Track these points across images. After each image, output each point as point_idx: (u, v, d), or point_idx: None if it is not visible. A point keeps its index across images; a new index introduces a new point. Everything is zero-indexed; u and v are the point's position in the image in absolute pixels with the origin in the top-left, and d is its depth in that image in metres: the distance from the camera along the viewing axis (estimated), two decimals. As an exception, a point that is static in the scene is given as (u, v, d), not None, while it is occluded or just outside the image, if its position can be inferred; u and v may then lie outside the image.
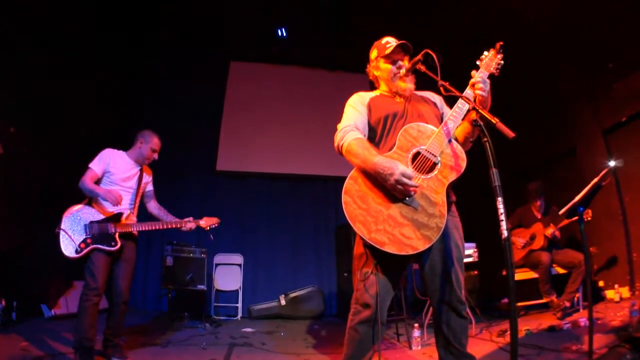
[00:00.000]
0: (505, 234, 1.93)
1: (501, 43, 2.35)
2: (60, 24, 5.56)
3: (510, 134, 1.89)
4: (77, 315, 3.52)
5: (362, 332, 2.29)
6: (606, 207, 5.16)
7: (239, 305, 6.84)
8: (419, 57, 2.38)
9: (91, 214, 3.66)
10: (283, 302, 6.83)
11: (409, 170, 2.16)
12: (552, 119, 6.13)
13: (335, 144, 2.43)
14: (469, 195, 2.54)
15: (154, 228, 3.82)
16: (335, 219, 7.97)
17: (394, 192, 2.16)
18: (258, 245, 7.58)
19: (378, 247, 2.12)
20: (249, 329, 5.54)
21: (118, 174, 3.82)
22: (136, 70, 7.45)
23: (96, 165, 3.75)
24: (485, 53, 2.37)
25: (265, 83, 8.11)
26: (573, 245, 5.46)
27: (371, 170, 2.19)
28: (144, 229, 3.81)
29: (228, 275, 6.99)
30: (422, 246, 2.12)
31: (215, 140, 7.67)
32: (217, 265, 6.95)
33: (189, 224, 3.88)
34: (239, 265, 7.06)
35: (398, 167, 2.13)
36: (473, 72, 2.29)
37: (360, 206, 2.20)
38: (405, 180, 2.10)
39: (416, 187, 2.14)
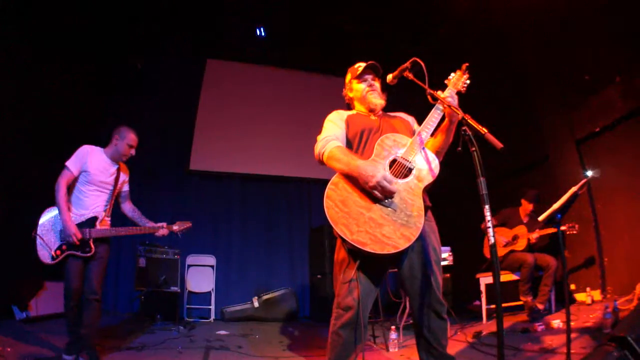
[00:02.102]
0: (492, 240, 1.96)
1: (467, 64, 2.56)
2: (34, 18, 5.42)
3: (499, 144, 1.95)
4: (65, 316, 3.71)
5: (345, 335, 2.32)
6: (579, 213, 5.32)
7: (212, 307, 6.77)
8: (407, 64, 2.50)
9: None
10: (256, 304, 6.79)
11: (389, 176, 2.27)
12: (526, 127, 6.27)
13: (316, 152, 2.53)
14: (442, 201, 2.61)
15: (128, 234, 3.83)
16: (308, 221, 8.00)
17: (374, 194, 2.23)
18: (231, 246, 7.53)
19: (360, 247, 2.16)
20: (223, 332, 5.49)
21: (95, 174, 3.75)
22: (109, 67, 7.26)
23: (72, 164, 3.68)
24: (452, 74, 2.56)
25: (242, 83, 8.06)
26: (545, 249, 5.60)
27: (354, 172, 2.28)
28: (118, 234, 3.77)
29: (200, 276, 6.91)
30: (402, 245, 2.18)
31: (188, 139, 7.57)
32: (189, 266, 6.85)
33: (162, 230, 3.86)
34: (212, 266, 6.99)
35: (380, 170, 2.26)
36: (439, 93, 2.41)
37: (342, 209, 2.26)
38: (385, 183, 2.21)
39: (394, 190, 2.24)
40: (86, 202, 3.73)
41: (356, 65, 2.82)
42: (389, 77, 2.61)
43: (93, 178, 3.74)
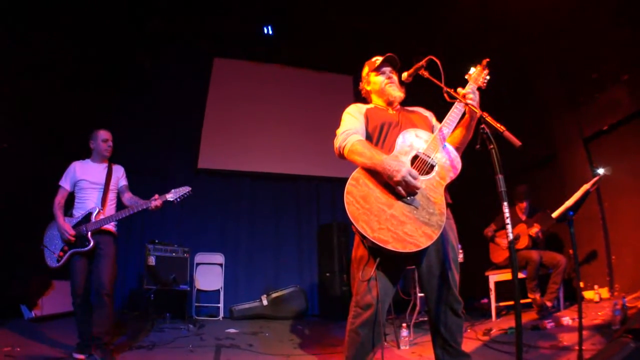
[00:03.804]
0: (510, 236, 1.98)
1: (487, 60, 2.53)
2: (42, 19, 5.45)
3: (517, 142, 1.97)
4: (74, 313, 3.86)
5: (363, 334, 2.31)
6: (586, 211, 5.30)
7: (221, 305, 6.78)
8: (422, 62, 2.49)
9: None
10: (265, 302, 6.80)
11: (415, 171, 2.23)
12: (534, 125, 6.27)
13: (337, 146, 2.48)
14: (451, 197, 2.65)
15: (122, 216, 3.84)
16: (317, 219, 8.02)
17: (398, 189, 2.20)
18: (239, 244, 7.54)
19: (382, 245, 2.14)
20: (233, 330, 5.49)
21: (86, 179, 3.98)
22: (117, 67, 7.27)
23: (64, 182, 3.98)
24: (473, 69, 2.53)
25: (249, 81, 8.07)
26: (553, 246, 5.61)
27: (378, 167, 2.24)
28: (113, 220, 3.87)
29: (209, 274, 6.92)
30: (424, 243, 2.16)
31: (197, 138, 7.59)
32: (197, 264, 6.87)
33: (155, 202, 3.80)
34: (220, 264, 7.00)
35: (405, 165, 2.22)
36: (459, 89, 2.40)
37: (363, 206, 2.23)
38: (410, 178, 2.17)
39: (419, 186, 2.21)
40: (84, 204, 3.93)
41: (373, 59, 2.78)
42: (404, 75, 2.59)
43: (85, 183, 3.97)
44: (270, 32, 7.69)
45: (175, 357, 4.07)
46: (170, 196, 3.84)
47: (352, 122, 2.56)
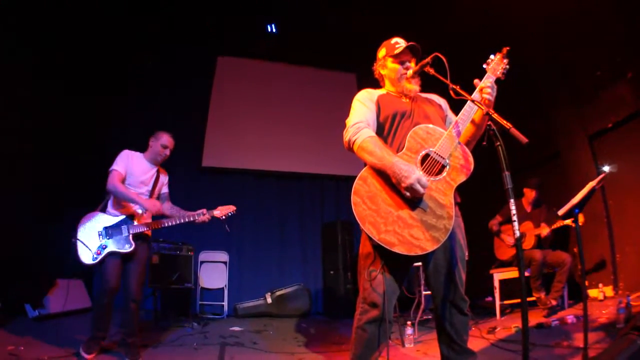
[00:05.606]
0: (517, 234, 1.97)
1: (508, 48, 2.44)
2: (45, 18, 5.47)
3: (524, 139, 1.95)
4: (92, 311, 3.85)
5: (370, 331, 2.31)
6: (591, 210, 5.29)
7: (225, 303, 6.80)
8: (428, 59, 2.42)
9: (104, 220, 3.76)
10: (269, 300, 6.82)
11: (424, 178, 2.18)
12: (537, 123, 6.24)
13: (347, 139, 2.41)
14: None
15: (166, 225, 3.83)
16: (321, 217, 8.02)
17: (405, 193, 2.17)
18: (243, 242, 7.53)
19: (388, 247, 2.13)
20: (237, 328, 5.50)
21: (136, 176, 3.87)
22: (120, 66, 7.27)
23: (119, 166, 3.80)
24: (492, 57, 2.44)
25: (253, 79, 8.06)
26: (558, 245, 5.59)
27: (388, 170, 2.19)
28: (156, 226, 3.84)
29: (213, 273, 6.94)
30: (430, 247, 2.15)
31: (201, 136, 7.57)
32: (202, 262, 6.89)
33: (202, 216, 3.85)
34: (225, 262, 7.02)
35: (415, 171, 2.16)
36: (476, 81, 2.35)
37: (369, 207, 2.20)
38: (419, 186, 2.13)
39: (424, 193, 2.17)
40: (126, 206, 3.85)
41: (392, 41, 2.63)
42: (409, 72, 2.54)
43: (135, 180, 3.86)
44: (274, 30, 7.68)
45: (179, 355, 4.08)
46: (217, 213, 3.93)
47: (364, 111, 2.47)
